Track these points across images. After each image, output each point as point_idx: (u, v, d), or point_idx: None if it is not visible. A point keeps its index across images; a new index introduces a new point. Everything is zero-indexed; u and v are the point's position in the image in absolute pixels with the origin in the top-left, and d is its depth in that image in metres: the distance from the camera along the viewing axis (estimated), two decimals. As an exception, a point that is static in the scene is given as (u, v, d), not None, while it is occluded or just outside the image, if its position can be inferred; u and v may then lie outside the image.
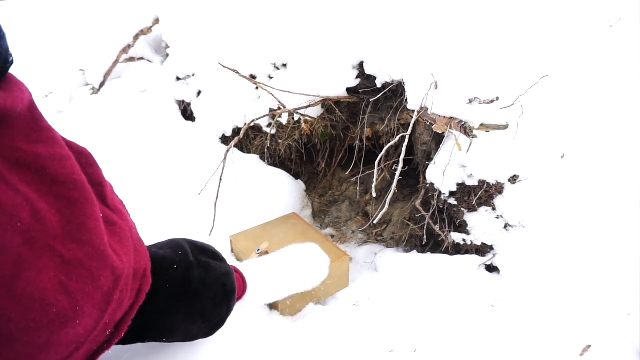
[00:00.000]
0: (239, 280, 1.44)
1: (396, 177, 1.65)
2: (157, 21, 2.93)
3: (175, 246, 1.09)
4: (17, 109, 0.60)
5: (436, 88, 1.75)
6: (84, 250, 0.63)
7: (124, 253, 0.74)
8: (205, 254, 1.20)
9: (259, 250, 1.84)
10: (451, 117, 1.63)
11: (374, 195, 1.58)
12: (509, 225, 1.88)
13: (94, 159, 0.84)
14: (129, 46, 2.89)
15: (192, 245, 1.16)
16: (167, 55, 2.92)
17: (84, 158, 0.79)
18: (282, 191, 2.46)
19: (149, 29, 2.94)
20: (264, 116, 2.22)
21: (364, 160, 2.44)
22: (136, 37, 2.89)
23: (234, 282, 1.25)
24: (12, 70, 0.67)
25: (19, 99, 0.61)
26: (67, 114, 2.82)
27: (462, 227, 1.99)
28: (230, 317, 1.40)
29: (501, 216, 1.88)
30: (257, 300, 1.59)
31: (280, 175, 2.51)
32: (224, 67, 2.11)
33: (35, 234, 0.58)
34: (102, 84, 2.88)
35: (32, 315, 0.56)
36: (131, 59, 3.00)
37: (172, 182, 2.30)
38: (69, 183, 0.65)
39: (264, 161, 2.53)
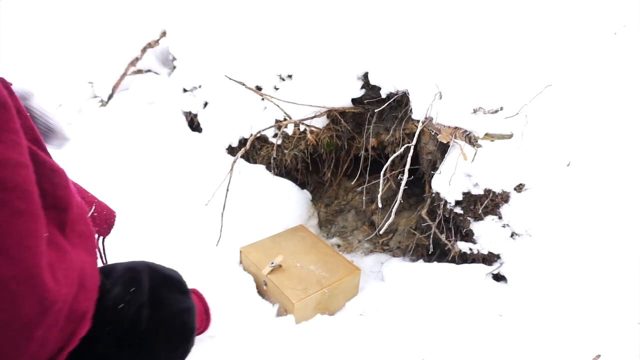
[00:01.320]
0: (202, 314, 1.34)
1: (402, 187, 1.66)
2: (164, 34, 2.98)
3: (129, 280, 0.94)
4: None
5: (440, 98, 1.76)
6: (13, 269, 0.55)
7: (65, 284, 0.64)
8: (166, 285, 1.05)
9: (272, 263, 1.85)
10: (456, 127, 1.64)
11: (380, 205, 1.59)
12: (516, 234, 1.88)
13: (68, 182, 0.76)
14: (137, 59, 2.93)
15: (153, 276, 1.01)
16: (174, 67, 2.96)
17: (57, 178, 0.72)
18: (289, 201, 2.47)
19: (157, 42, 2.99)
20: (270, 127, 2.25)
21: (369, 170, 2.45)
22: (144, 50, 2.94)
23: (194, 319, 1.10)
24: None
25: None
26: (76, 125, 2.86)
27: (468, 236, 1.99)
28: (234, 320, 1.39)
29: (507, 225, 1.88)
30: (223, 326, 1.51)
31: (287, 185, 2.52)
32: (230, 79, 2.13)
33: None
34: (110, 96, 2.92)
35: None
36: (139, 72, 3.04)
37: (179, 193, 2.32)
38: (17, 192, 0.60)
39: (270, 171, 2.55)
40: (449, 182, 1.85)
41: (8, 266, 0.54)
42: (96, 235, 1.01)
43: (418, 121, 1.82)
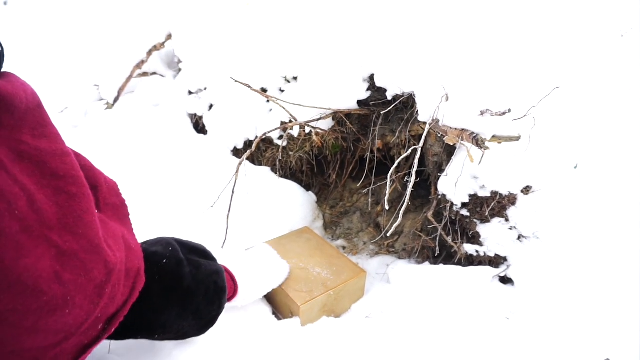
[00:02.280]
0: (229, 280, 1.44)
1: (409, 190, 1.66)
2: (169, 37, 2.99)
3: (165, 244, 1.10)
4: (19, 98, 0.62)
5: (447, 100, 1.76)
6: (79, 242, 0.65)
7: (117, 249, 0.75)
8: (194, 253, 1.21)
9: None
10: (463, 129, 1.64)
11: (387, 207, 1.59)
12: (523, 237, 1.87)
13: (91, 163, 0.86)
14: (143, 62, 2.95)
15: (180, 244, 1.17)
16: (180, 69, 2.97)
17: (83, 160, 0.82)
18: (294, 203, 2.47)
19: (162, 45, 3.00)
20: (276, 129, 2.25)
21: (375, 172, 2.45)
22: (149, 53, 2.95)
23: (224, 280, 1.26)
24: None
25: (20, 90, 0.64)
26: (82, 128, 2.87)
27: (474, 239, 1.98)
28: (239, 323, 1.41)
29: (514, 227, 1.87)
30: (248, 298, 1.60)
31: (292, 187, 2.52)
32: (236, 81, 2.14)
33: (32, 223, 0.59)
34: (116, 99, 2.94)
35: (22, 299, 0.58)
36: (144, 74, 3.06)
37: (185, 195, 2.33)
38: (68, 178, 0.68)
39: (275, 173, 2.55)
40: (456, 184, 1.84)
41: (75, 240, 0.65)
42: None
43: (424, 123, 1.82)
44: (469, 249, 1.98)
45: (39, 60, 3.49)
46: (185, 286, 1.05)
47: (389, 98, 2.07)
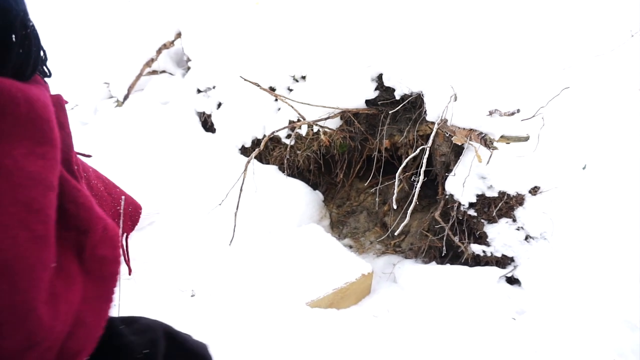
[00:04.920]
0: None
1: (416, 189, 1.66)
2: (179, 35, 3.01)
3: (148, 340, 0.80)
4: (18, 101, 0.54)
5: (455, 100, 1.75)
6: (13, 298, 0.51)
7: (63, 320, 0.59)
8: (186, 358, 0.88)
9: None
10: (471, 129, 1.64)
11: (395, 207, 1.59)
12: (530, 237, 1.86)
13: (92, 204, 0.69)
14: (152, 60, 2.97)
15: (171, 344, 0.84)
16: (189, 68, 2.99)
17: (81, 198, 0.68)
18: (301, 202, 2.48)
19: (172, 43, 3.02)
20: (284, 128, 2.26)
21: (382, 171, 2.45)
22: (159, 51, 2.97)
23: None
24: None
25: (33, 96, 0.56)
26: (92, 125, 2.90)
27: (482, 239, 1.98)
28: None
29: (522, 228, 1.87)
30: None
31: (299, 186, 2.53)
32: (245, 80, 2.15)
33: None
34: (126, 97, 2.96)
35: None
36: (154, 72, 3.08)
37: (193, 193, 2.34)
38: (41, 215, 0.57)
39: (283, 172, 2.56)
40: (463, 184, 1.84)
41: (10, 295, 0.50)
42: (120, 232, 1.00)
43: (432, 123, 1.82)
44: (476, 249, 1.98)
45: (49, 58, 3.53)
46: None
47: (397, 98, 2.07)
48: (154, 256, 1.91)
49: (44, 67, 0.66)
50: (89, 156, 0.93)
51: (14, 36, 0.55)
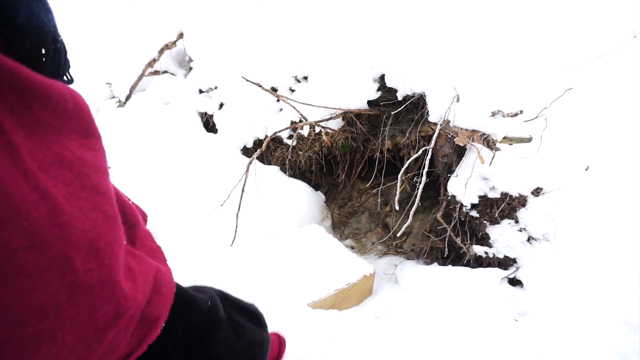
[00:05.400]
0: (275, 348, 1.28)
1: (419, 190, 1.66)
2: (181, 35, 3.01)
3: (209, 296, 0.90)
4: (60, 94, 0.56)
5: (458, 101, 1.75)
6: (100, 274, 0.55)
7: (142, 290, 0.65)
8: (242, 312, 0.98)
9: None
10: (474, 130, 1.63)
11: (397, 208, 1.59)
12: (533, 238, 1.86)
13: (131, 204, 0.76)
14: (154, 60, 2.97)
15: (226, 300, 0.96)
16: (191, 68, 2.99)
17: (122, 196, 0.73)
18: (302, 202, 2.48)
19: (174, 43, 3.02)
20: (286, 128, 2.26)
21: (384, 172, 2.45)
22: (161, 52, 2.97)
23: (266, 356, 1.01)
24: None
25: (65, 89, 0.59)
26: (94, 126, 2.90)
27: (484, 240, 1.97)
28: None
29: (524, 229, 1.86)
30: None
31: (300, 187, 2.53)
32: (247, 80, 2.15)
33: (49, 239, 0.50)
34: (128, 97, 2.96)
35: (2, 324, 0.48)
36: (156, 73, 3.08)
37: (195, 193, 2.34)
38: (107, 197, 0.60)
39: (285, 172, 2.56)
40: (465, 185, 1.84)
41: (98, 271, 0.55)
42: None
43: (435, 124, 1.82)
44: (478, 250, 1.97)
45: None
46: (212, 354, 0.84)
47: (399, 98, 2.07)
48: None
49: (67, 74, 0.69)
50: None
51: (44, 50, 0.58)
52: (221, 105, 2.76)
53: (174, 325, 0.75)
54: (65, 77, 0.68)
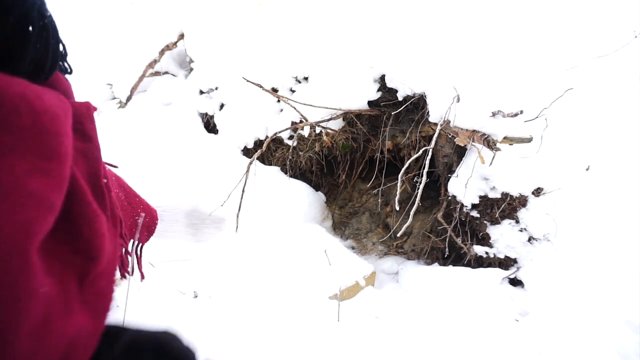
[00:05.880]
0: None
1: (419, 190, 1.66)
2: (181, 36, 3.01)
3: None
4: (20, 110, 0.50)
5: (458, 101, 1.75)
6: None
7: (45, 349, 0.55)
8: None
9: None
10: (474, 130, 1.63)
11: (397, 208, 1.59)
12: (533, 239, 1.86)
13: (105, 230, 0.67)
14: (155, 61, 2.97)
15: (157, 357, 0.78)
16: (191, 69, 2.99)
17: (97, 224, 0.65)
18: (303, 203, 2.48)
19: (174, 44, 3.03)
20: (286, 129, 2.26)
21: (384, 172, 2.45)
22: (162, 52, 2.97)
23: None
24: None
25: (38, 102, 0.53)
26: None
27: (484, 240, 1.97)
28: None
29: (525, 229, 1.86)
30: None
31: (301, 187, 2.53)
32: (247, 81, 2.15)
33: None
34: (129, 98, 2.96)
35: None
36: (156, 74, 3.08)
37: (196, 194, 2.35)
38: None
39: (285, 173, 2.56)
40: (466, 185, 1.84)
41: None
42: (136, 242, 0.98)
43: (435, 124, 1.82)
44: (479, 250, 1.97)
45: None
46: None
47: (400, 99, 2.07)
48: (156, 258, 1.91)
49: (64, 63, 0.63)
50: (115, 167, 0.90)
51: (31, 27, 0.52)
52: (222, 105, 2.76)
53: None
54: (62, 66, 0.62)
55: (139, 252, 1.04)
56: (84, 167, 0.63)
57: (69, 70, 0.65)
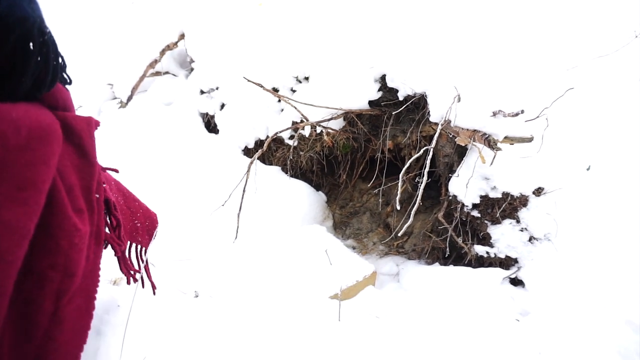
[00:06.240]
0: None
1: (420, 190, 1.66)
2: (182, 36, 3.02)
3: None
4: (9, 132, 0.52)
5: (459, 101, 1.75)
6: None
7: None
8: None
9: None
10: (475, 130, 1.63)
11: (398, 208, 1.59)
12: (534, 238, 1.86)
13: (84, 246, 0.67)
14: (156, 61, 2.98)
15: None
16: (192, 69, 2.99)
17: (77, 238, 0.66)
18: (304, 202, 2.48)
19: (175, 44, 3.03)
20: (287, 129, 2.26)
21: (385, 172, 2.45)
22: (162, 52, 2.98)
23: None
24: None
25: (24, 121, 0.55)
26: (95, 126, 2.91)
27: (485, 240, 1.97)
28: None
29: (526, 229, 1.86)
30: None
31: (302, 187, 2.53)
32: (248, 81, 2.16)
33: None
34: (129, 98, 2.97)
35: None
36: (157, 73, 3.09)
37: (196, 194, 2.35)
38: (6, 266, 0.55)
39: (286, 173, 2.56)
40: (467, 185, 1.84)
41: None
42: (138, 246, 1.00)
43: (436, 124, 1.82)
44: (480, 250, 1.97)
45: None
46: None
47: (401, 98, 2.07)
48: (157, 257, 1.92)
49: (65, 74, 0.65)
50: (116, 171, 0.91)
51: (31, 44, 0.54)
52: (222, 105, 2.76)
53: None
54: (62, 77, 0.63)
55: (143, 257, 1.04)
56: (78, 181, 0.64)
57: (68, 81, 0.67)
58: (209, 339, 1.42)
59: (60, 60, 0.62)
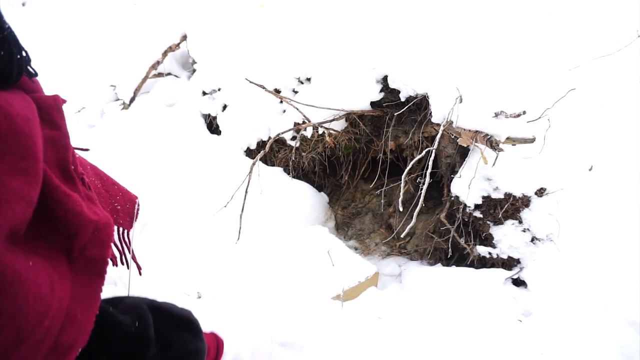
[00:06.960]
0: (212, 352, 1.23)
1: (422, 191, 1.66)
2: (184, 38, 3.03)
3: (137, 314, 0.85)
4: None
5: (461, 102, 1.75)
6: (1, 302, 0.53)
7: (50, 316, 0.61)
8: (173, 324, 0.95)
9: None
10: (477, 131, 1.64)
11: (400, 209, 1.59)
12: (536, 239, 1.86)
13: (82, 207, 0.70)
14: (158, 62, 2.99)
15: (158, 313, 0.91)
16: (194, 70, 3.00)
17: (70, 204, 0.69)
18: (306, 203, 2.48)
19: (177, 46, 3.04)
20: (289, 130, 2.26)
21: (387, 173, 2.45)
22: (165, 54, 2.99)
23: None
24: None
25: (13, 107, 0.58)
26: (98, 128, 2.92)
27: (487, 240, 1.98)
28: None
29: (528, 229, 1.86)
30: None
31: (304, 188, 2.53)
32: (250, 82, 2.16)
33: None
34: (132, 99, 2.98)
35: None
36: (160, 75, 3.10)
37: (199, 195, 2.35)
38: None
39: (288, 174, 2.56)
40: (469, 186, 1.84)
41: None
42: (120, 229, 1.02)
43: (438, 125, 1.82)
44: (482, 251, 1.97)
45: (56, 60, 3.56)
46: None
47: (402, 99, 2.08)
48: (159, 259, 1.92)
49: (30, 68, 0.67)
50: (86, 150, 0.94)
51: None
52: (225, 106, 2.77)
53: (97, 351, 0.72)
54: (28, 70, 0.67)
55: (127, 240, 1.06)
56: (53, 154, 0.68)
57: (34, 73, 0.69)
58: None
59: (24, 53, 0.63)
